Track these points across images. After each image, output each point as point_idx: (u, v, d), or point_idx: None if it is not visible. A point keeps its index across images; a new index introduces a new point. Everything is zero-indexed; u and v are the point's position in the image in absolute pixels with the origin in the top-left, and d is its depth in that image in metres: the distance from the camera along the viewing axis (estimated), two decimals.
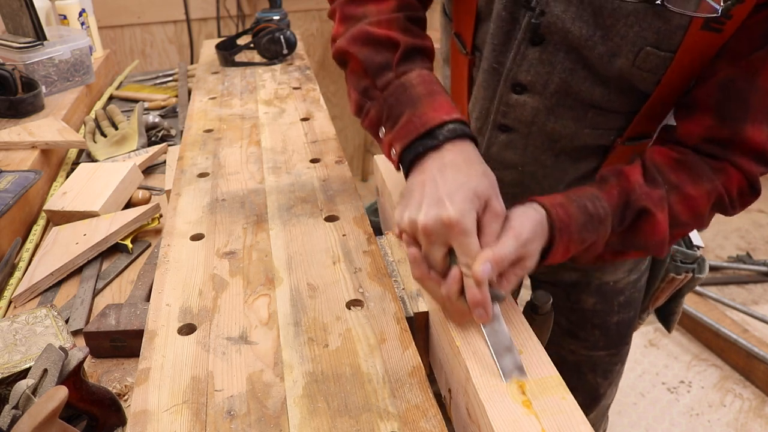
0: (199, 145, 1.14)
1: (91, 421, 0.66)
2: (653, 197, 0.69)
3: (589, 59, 0.74)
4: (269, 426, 0.56)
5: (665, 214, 0.70)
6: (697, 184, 0.70)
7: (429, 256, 0.61)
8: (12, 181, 1.05)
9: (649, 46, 0.70)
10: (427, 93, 0.69)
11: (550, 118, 0.81)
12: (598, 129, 0.82)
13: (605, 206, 0.68)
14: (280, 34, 1.62)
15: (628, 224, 0.70)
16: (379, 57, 0.73)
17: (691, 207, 0.71)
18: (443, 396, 0.70)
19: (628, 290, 1.04)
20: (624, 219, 0.69)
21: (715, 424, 1.81)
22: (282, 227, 0.86)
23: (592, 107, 0.79)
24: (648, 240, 0.70)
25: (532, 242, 0.62)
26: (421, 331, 0.73)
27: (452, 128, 0.65)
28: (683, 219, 0.71)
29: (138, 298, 0.87)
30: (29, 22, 1.49)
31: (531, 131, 0.84)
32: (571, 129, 0.82)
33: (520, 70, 0.79)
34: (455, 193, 0.60)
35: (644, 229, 0.70)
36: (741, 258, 2.46)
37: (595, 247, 0.69)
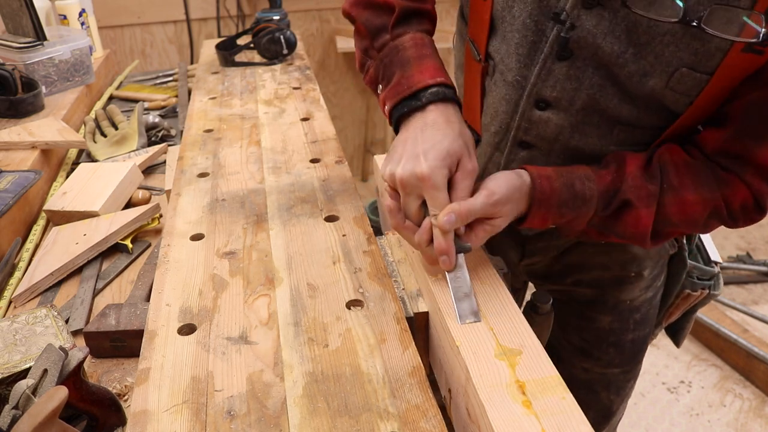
0: (199, 145, 1.14)
1: (91, 421, 0.66)
2: (641, 193, 0.70)
3: (619, 77, 0.71)
4: (269, 426, 0.56)
5: (651, 211, 0.71)
6: (698, 190, 0.71)
7: (405, 207, 0.69)
8: (12, 181, 1.05)
9: (685, 67, 0.66)
10: (417, 56, 0.74)
11: (574, 136, 0.78)
12: (624, 146, 0.78)
13: (593, 188, 0.71)
14: (280, 34, 1.62)
15: (611, 212, 0.72)
16: (377, 20, 0.79)
17: (685, 211, 0.71)
18: (443, 396, 0.70)
19: (644, 308, 1.01)
20: (608, 206, 0.71)
21: (715, 424, 1.81)
22: (282, 227, 0.86)
23: (619, 124, 0.76)
24: (627, 230, 0.72)
25: (503, 204, 0.68)
26: (421, 331, 0.73)
27: (435, 91, 0.71)
28: (674, 220, 0.71)
29: (138, 298, 0.87)
30: (29, 22, 1.49)
31: (553, 149, 0.81)
32: (596, 147, 0.78)
33: (545, 86, 0.75)
34: (429, 151, 0.66)
35: (626, 220, 0.72)
36: (741, 258, 2.46)
37: (576, 223, 0.73)
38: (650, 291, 1.00)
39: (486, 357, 0.60)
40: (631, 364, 1.06)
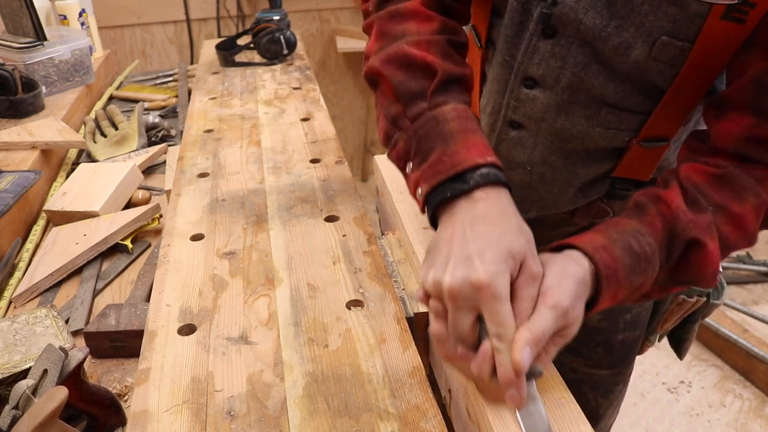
0: (199, 145, 1.14)
1: (91, 421, 0.66)
2: (701, 224, 0.62)
3: (603, 53, 0.71)
4: (269, 426, 0.56)
5: (716, 242, 0.62)
6: (743, 200, 0.64)
7: (455, 324, 0.54)
8: (12, 181, 1.05)
9: (666, 35, 0.66)
10: (462, 130, 0.63)
11: (560, 115, 0.78)
12: (611, 129, 0.77)
13: (651, 242, 0.61)
14: (280, 35, 1.62)
15: (675, 260, 0.62)
16: (413, 83, 0.67)
17: (740, 226, 0.64)
18: (443, 396, 0.70)
19: (635, 309, 0.99)
20: (671, 253, 0.62)
21: (715, 424, 1.81)
22: (282, 227, 0.86)
23: (606, 105, 0.75)
24: (700, 273, 0.63)
25: (573, 308, 0.55)
26: (421, 331, 0.73)
27: (485, 173, 0.59)
28: (732, 241, 0.64)
29: (138, 299, 0.87)
30: (29, 22, 1.49)
31: (540, 129, 0.80)
32: (582, 127, 0.78)
33: (531, 64, 0.76)
34: (486, 251, 0.54)
35: (695, 261, 0.62)
36: (741, 258, 2.46)
37: (642, 288, 0.62)
38: None
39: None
40: (620, 366, 1.05)
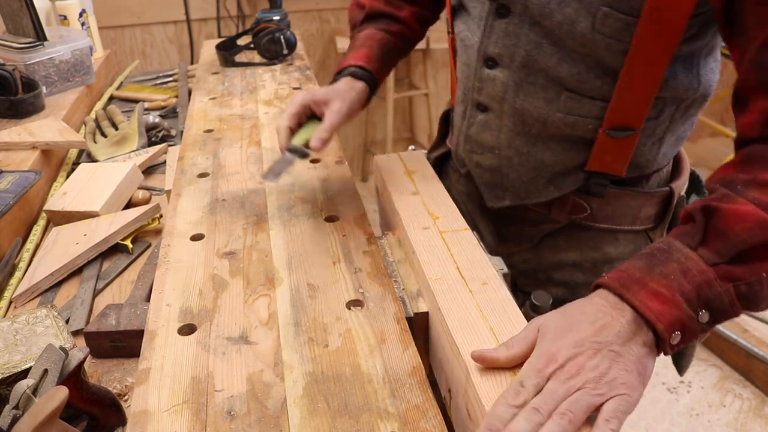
0: (199, 146, 1.14)
1: (92, 421, 0.66)
2: (710, 198, 0.61)
3: (552, 31, 0.74)
4: (269, 426, 0.56)
5: (738, 204, 0.59)
6: None
7: None
8: (12, 181, 1.05)
9: (606, 6, 0.69)
10: (358, 45, 0.98)
11: (519, 95, 0.82)
12: (572, 114, 0.80)
13: (664, 238, 0.62)
14: (280, 35, 1.62)
15: (703, 228, 0.60)
16: (357, 17, 1.06)
17: None
18: (443, 396, 0.70)
19: None
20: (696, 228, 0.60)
21: (715, 424, 1.81)
22: (282, 227, 0.86)
23: (566, 90, 0.79)
24: (738, 231, 0.58)
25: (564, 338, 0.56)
26: (421, 331, 0.73)
27: (351, 71, 0.93)
28: None
29: (138, 299, 0.87)
30: (29, 22, 1.49)
31: (503, 110, 0.85)
32: (542, 111, 0.81)
33: (489, 43, 0.81)
34: None
35: (721, 224, 0.59)
36: None
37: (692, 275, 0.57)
38: None
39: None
40: None
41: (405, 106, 3.12)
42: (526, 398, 0.52)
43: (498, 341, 0.61)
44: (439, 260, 0.74)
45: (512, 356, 0.56)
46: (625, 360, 0.54)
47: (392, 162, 0.99)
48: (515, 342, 0.58)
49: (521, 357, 0.56)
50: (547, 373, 0.53)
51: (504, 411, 0.51)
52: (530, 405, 0.51)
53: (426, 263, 0.74)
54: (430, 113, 2.98)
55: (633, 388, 0.53)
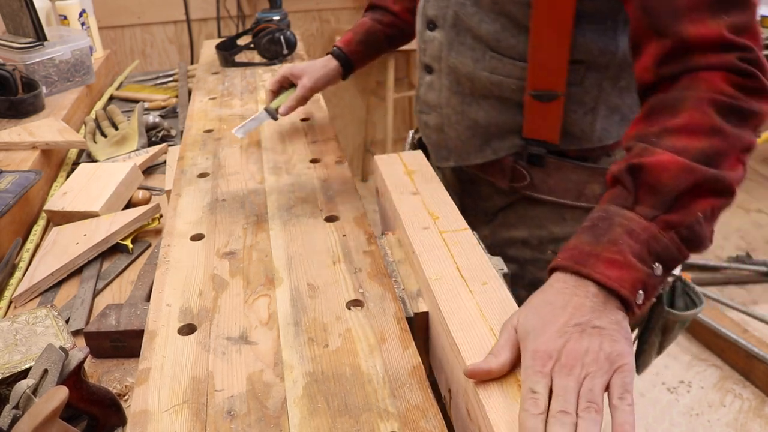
0: (199, 146, 1.14)
1: (92, 421, 0.66)
2: (631, 156, 0.64)
3: None
4: (269, 426, 0.56)
5: (657, 155, 0.62)
6: (677, 111, 0.65)
7: None
8: (12, 181, 1.05)
9: None
10: (349, 30, 1.16)
11: (451, 53, 0.90)
12: (496, 74, 0.87)
13: (600, 207, 0.64)
14: (280, 35, 1.62)
15: (633, 187, 0.62)
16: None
17: (692, 131, 0.63)
18: (443, 396, 0.70)
19: None
20: (627, 188, 0.63)
21: (714, 424, 1.81)
22: (282, 227, 0.86)
23: (489, 49, 0.86)
24: (665, 181, 0.61)
25: None
26: (421, 331, 0.73)
27: (332, 50, 1.14)
28: (695, 145, 0.62)
29: (138, 299, 0.87)
30: (29, 22, 1.49)
31: (441, 69, 0.93)
32: (470, 69, 0.88)
33: (429, 6, 0.91)
34: None
35: (649, 179, 0.61)
36: (741, 258, 2.45)
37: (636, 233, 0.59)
38: None
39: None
40: None
41: (405, 106, 3.12)
42: (544, 402, 0.52)
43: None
44: (439, 260, 0.74)
45: (503, 363, 0.56)
46: (609, 331, 0.56)
47: (392, 162, 0.99)
48: (500, 349, 0.57)
49: (511, 362, 0.57)
50: (548, 371, 0.54)
51: (534, 423, 0.51)
52: (556, 410, 0.51)
53: (426, 263, 0.74)
54: None
55: (626, 354, 0.55)
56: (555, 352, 0.54)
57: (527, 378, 0.54)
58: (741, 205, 2.89)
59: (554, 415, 0.51)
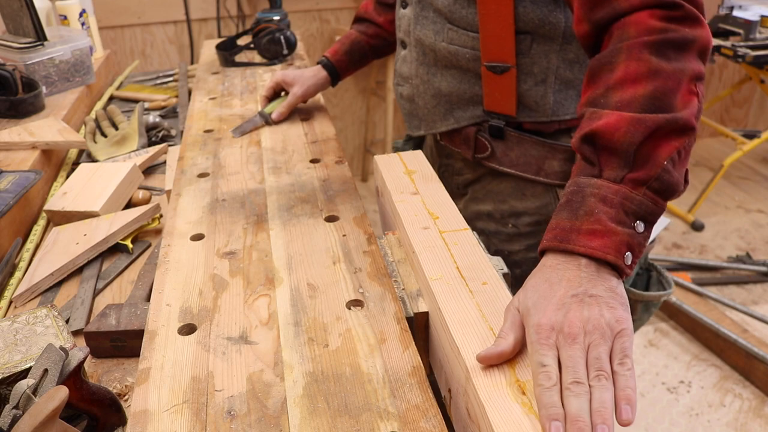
0: (200, 146, 1.14)
1: (92, 421, 0.66)
2: (583, 126, 0.65)
3: None
4: (269, 426, 0.56)
5: (606, 116, 0.63)
6: (613, 65, 0.66)
7: None
8: (12, 181, 1.05)
9: None
10: (337, 41, 1.26)
11: (417, 27, 0.99)
12: (453, 45, 0.95)
13: (570, 183, 0.65)
14: (280, 35, 1.62)
15: (594, 155, 0.64)
16: None
17: (632, 79, 0.64)
18: (443, 396, 0.70)
19: (525, 265, 1.04)
20: (588, 158, 0.64)
21: (714, 424, 1.81)
22: (282, 227, 0.86)
23: (447, 21, 0.94)
24: (619, 140, 0.62)
25: None
26: (421, 331, 0.73)
27: (321, 60, 1.26)
28: (641, 94, 0.63)
29: (138, 298, 0.87)
30: (30, 22, 1.49)
31: (411, 42, 1.01)
32: (431, 40, 0.97)
33: None
34: None
35: (605, 142, 0.63)
36: (741, 258, 2.46)
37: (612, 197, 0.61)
38: (532, 252, 1.04)
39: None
40: None
41: None
42: (556, 374, 0.53)
43: None
44: (439, 260, 0.74)
45: (512, 344, 0.57)
46: (605, 298, 0.57)
47: (392, 162, 0.99)
48: (507, 331, 0.58)
49: (519, 341, 0.58)
50: (553, 343, 0.55)
51: (549, 396, 0.52)
52: (569, 381, 0.52)
53: (426, 263, 0.74)
54: None
55: (624, 319, 0.56)
56: (557, 324, 0.56)
57: (535, 352, 0.55)
58: (741, 205, 2.89)
59: (568, 387, 0.52)
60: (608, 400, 0.51)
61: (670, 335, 2.14)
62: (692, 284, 2.19)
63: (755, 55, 2.46)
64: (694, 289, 2.17)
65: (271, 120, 1.19)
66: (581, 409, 0.50)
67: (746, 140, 2.71)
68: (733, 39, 2.66)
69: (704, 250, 2.58)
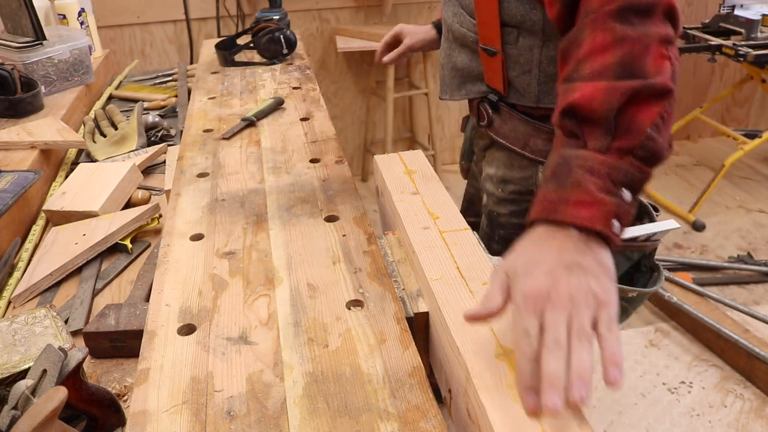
0: (199, 145, 1.14)
1: (91, 421, 0.66)
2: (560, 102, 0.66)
3: None
4: (269, 426, 0.56)
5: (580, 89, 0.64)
6: (581, 41, 0.68)
7: None
8: (11, 181, 1.05)
9: None
10: None
11: (445, 7, 1.12)
12: (462, 27, 1.06)
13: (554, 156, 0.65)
14: (280, 34, 1.62)
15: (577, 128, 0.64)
16: None
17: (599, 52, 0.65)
18: (443, 396, 0.70)
19: (508, 228, 1.15)
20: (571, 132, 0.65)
21: (716, 425, 1.81)
22: (282, 227, 0.86)
23: (460, 7, 1.05)
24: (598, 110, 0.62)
25: None
26: (421, 331, 0.73)
27: (433, 21, 1.38)
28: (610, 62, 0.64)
29: (137, 299, 0.87)
30: (28, 21, 1.48)
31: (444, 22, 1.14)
32: (450, 21, 1.09)
33: None
34: None
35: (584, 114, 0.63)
36: (742, 258, 2.45)
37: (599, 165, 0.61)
38: (516, 218, 1.14)
39: (486, 357, 0.59)
40: None
41: (405, 105, 3.12)
42: (538, 341, 0.54)
43: (498, 341, 0.61)
44: (439, 260, 0.74)
45: (501, 305, 0.58)
46: (593, 270, 0.57)
47: (392, 162, 0.99)
48: (494, 294, 0.59)
49: (506, 303, 0.58)
50: (540, 309, 0.55)
51: (529, 365, 0.53)
52: (549, 340, 0.52)
53: (426, 263, 0.74)
54: (430, 113, 2.97)
55: (611, 291, 0.57)
56: (544, 290, 0.56)
57: (520, 319, 0.55)
58: (742, 205, 2.88)
59: (546, 346, 0.52)
60: (587, 360, 0.51)
61: (671, 335, 2.13)
62: (693, 284, 2.18)
63: (756, 54, 2.46)
64: (695, 290, 2.16)
65: (255, 121, 1.22)
66: (558, 367, 0.51)
67: (747, 140, 2.70)
68: (734, 38, 2.65)
69: (705, 250, 2.58)
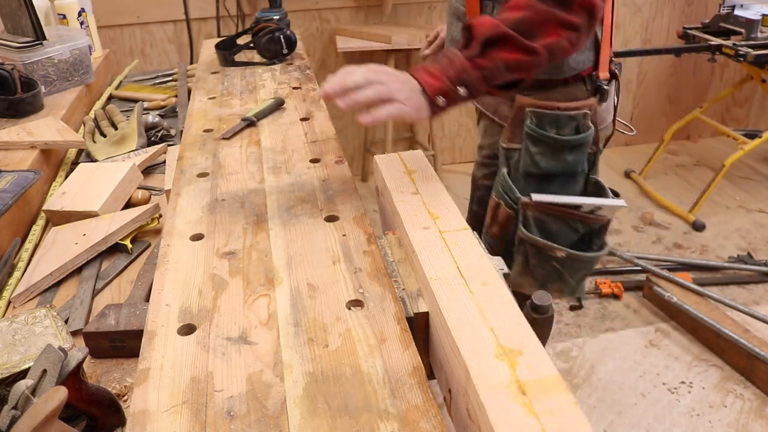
0: (199, 145, 1.14)
1: (91, 421, 0.66)
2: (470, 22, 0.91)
3: None
4: (269, 426, 0.56)
5: (483, 19, 0.90)
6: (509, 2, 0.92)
7: None
8: (11, 180, 1.05)
9: None
10: None
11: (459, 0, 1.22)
12: (456, 3, 1.17)
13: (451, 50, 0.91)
14: (280, 34, 1.61)
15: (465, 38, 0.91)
16: None
17: (512, 9, 0.90)
18: (443, 396, 0.70)
19: (480, 191, 1.34)
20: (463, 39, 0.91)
21: (716, 425, 1.81)
22: (282, 227, 0.86)
23: None
24: (480, 32, 0.89)
25: None
26: (421, 331, 0.73)
27: None
28: (513, 17, 0.89)
29: (137, 298, 0.87)
30: (28, 21, 1.48)
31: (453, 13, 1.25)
32: (453, 4, 1.19)
33: None
34: None
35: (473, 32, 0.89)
36: (742, 258, 2.45)
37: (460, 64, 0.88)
38: (487, 180, 1.31)
39: (486, 357, 0.59)
40: None
41: None
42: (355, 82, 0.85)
43: (498, 341, 0.61)
44: (439, 260, 0.74)
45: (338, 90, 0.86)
46: (409, 89, 0.87)
47: (392, 162, 0.99)
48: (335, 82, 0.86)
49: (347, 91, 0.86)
50: (368, 74, 0.85)
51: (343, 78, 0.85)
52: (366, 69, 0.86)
53: (426, 263, 0.74)
54: None
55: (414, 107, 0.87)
56: (371, 66, 0.87)
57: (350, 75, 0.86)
58: (742, 205, 2.88)
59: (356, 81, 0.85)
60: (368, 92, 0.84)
61: (671, 335, 2.13)
62: (693, 284, 2.18)
63: (756, 54, 2.46)
64: (695, 290, 2.16)
65: (255, 121, 1.23)
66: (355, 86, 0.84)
67: (747, 140, 2.70)
68: (734, 38, 2.65)
69: (705, 250, 2.58)
